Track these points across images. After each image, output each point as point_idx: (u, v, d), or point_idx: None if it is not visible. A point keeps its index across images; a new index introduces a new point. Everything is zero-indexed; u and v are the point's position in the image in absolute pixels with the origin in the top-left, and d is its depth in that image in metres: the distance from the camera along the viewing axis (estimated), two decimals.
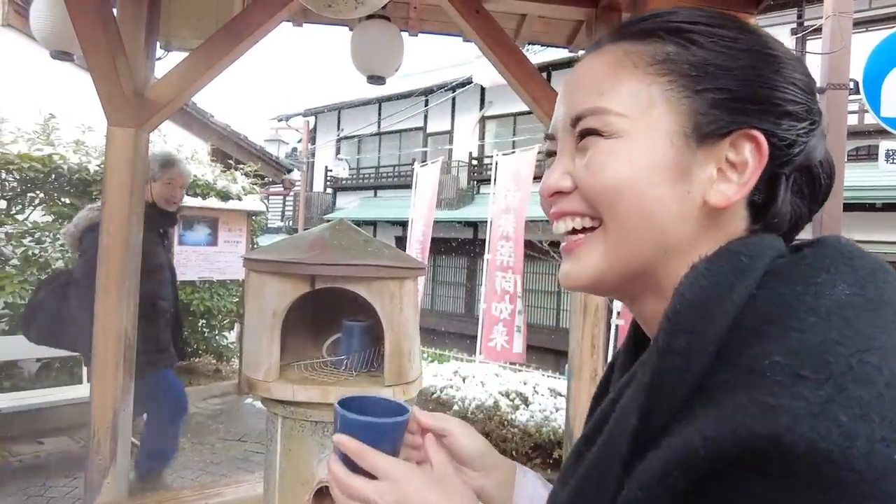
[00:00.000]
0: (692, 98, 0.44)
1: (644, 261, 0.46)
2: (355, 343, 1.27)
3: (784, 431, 0.30)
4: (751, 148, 0.44)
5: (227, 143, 7.09)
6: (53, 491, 3.30)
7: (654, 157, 0.44)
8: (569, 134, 0.49)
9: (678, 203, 0.44)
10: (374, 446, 0.58)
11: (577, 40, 3.44)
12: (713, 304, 0.38)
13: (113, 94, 2.50)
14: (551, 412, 3.93)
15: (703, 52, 0.45)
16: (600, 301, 2.67)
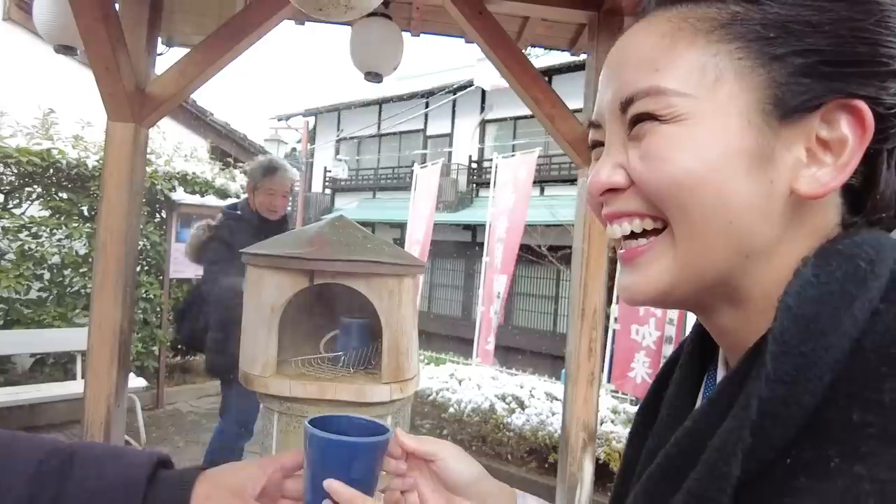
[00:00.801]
0: (770, 66, 0.37)
1: (721, 268, 0.38)
2: (353, 340, 1.26)
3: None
4: (849, 121, 0.36)
5: (226, 142, 7.09)
6: None
7: (728, 143, 0.36)
8: (618, 120, 0.41)
9: (761, 196, 0.37)
10: (350, 468, 0.54)
11: (579, 43, 3.44)
12: (829, 322, 0.32)
13: (114, 90, 2.49)
14: (547, 416, 3.92)
15: (779, 7, 0.37)
16: (598, 305, 2.66)
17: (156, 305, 5.02)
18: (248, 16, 2.65)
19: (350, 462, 0.54)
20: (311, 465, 0.56)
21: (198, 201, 5.14)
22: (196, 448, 4.22)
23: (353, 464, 0.54)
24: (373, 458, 0.56)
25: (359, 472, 0.54)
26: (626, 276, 0.42)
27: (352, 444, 0.55)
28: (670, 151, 0.37)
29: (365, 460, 0.56)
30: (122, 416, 2.71)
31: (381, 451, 0.57)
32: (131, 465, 0.57)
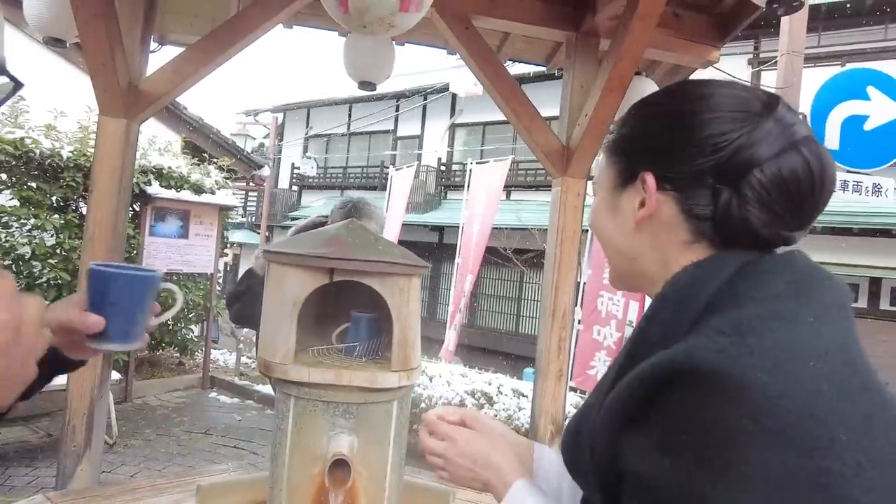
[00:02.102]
0: (620, 161, 0.67)
1: (625, 268, 0.69)
2: (362, 333, 1.39)
3: (698, 360, 0.48)
4: (643, 182, 0.63)
5: (199, 136, 7.04)
6: (14, 480, 3.26)
7: (602, 203, 0.70)
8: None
9: (615, 228, 0.68)
10: (123, 298, 0.67)
11: (555, 59, 3.63)
12: (690, 293, 0.56)
13: (108, 85, 2.53)
14: (514, 412, 4.09)
15: (625, 130, 0.68)
16: (568, 305, 2.84)
17: None
18: (244, 19, 2.73)
19: (126, 293, 0.67)
20: (96, 296, 0.69)
21: (173, 196, 5.13)
22: (168, 442, 4.24)
23: (127, 295, 0.67)
24: (140, 291, 0.69)
25: (130, 303, 0.67)
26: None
27: (123, 276, 0.69)
28: (592, 212, 0.73)
29: (133, 292, 0.68)
30: (104, 408, 2.75)
31: (150, 287, 0.70)
32: None
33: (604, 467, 0.55)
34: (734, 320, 0.50)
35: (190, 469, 3.39)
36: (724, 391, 0.46)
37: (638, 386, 0.52)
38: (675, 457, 0.47)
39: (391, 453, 1.31)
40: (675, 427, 0.48)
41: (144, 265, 5.09)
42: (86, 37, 2.40)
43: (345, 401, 1.24)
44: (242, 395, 5.76)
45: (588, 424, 0.58)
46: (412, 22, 1.67)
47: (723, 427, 0.45)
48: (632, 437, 0.53)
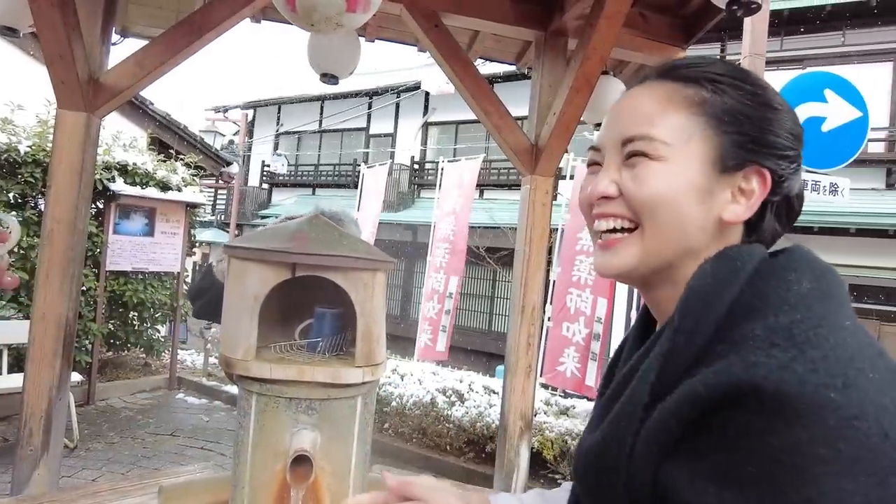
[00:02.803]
0: (721, 137, 0.56)
1: (669, 259, 0.57)
2: (326, 328, 1.38)
3: (760, 379, 0.43)
4: (758, 180, 0.57)
5: (166, 133, 6.89)
6: None
7: (689, 180, 0.56)
8: (617, 150, 0.60)
9: (702, 217, 0.56)
10: None
11: (524, 58, 3.66)
12: (715, 296, 0.51)
13: (66, 77, 2.46)
14: (485, 409, 4.12)
15: (731, 101, 0.57)
16: (537, 302, 2.87)
17: (90, 298, 4.86)
18: (208, 12, 2.68)
19: None
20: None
21: (138, 193, 5.01)
22: (132, 444, 4.14)
23: None
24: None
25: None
26: (602, 256, 0.61)
27: None
28: (652, 178, 0.56)
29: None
30: (63, 410, 2.67)
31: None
32: None
33: (640, 498, 0.50)
34: (783, 329, 0.46)
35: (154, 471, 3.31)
36: (794, 415, 0.41)
37: (687, 409, 0.47)
38: (738, 489, 0.43)
39: (355, 449, 1.30)
40: (736, 456, 0.44)
41: (109, 263, 4.97)
42: (42, 26, 2.32)
43: (307, 397, 1.23)
44: (210, 395, 5.66)
45: (618, 456, 0.52)
46: (360, 21, 1.67)
47: (794, 455, 0.41)
48: (679, 465, 0.47)
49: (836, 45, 8.29)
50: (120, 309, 5.36)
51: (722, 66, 0.59)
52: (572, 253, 4.75)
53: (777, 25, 7.97)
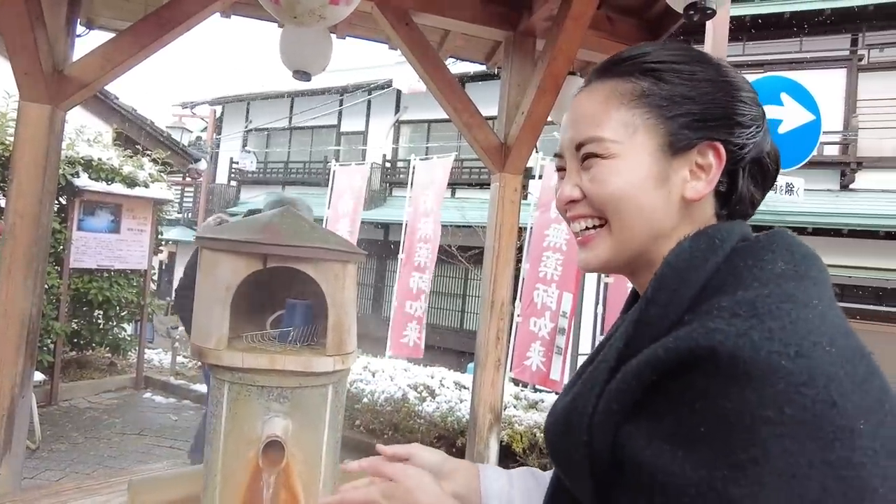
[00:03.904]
0: (665, 122, 0.58)
1: (640, 246, 0.60)
2: (297, 319, 1.40)
3: (717, 344, 0.45)
4: (713, 153, 0.58)
5: (132, 128, 6.75)
6: None
7: (642, 171, 0.58)
8: (573, 155, 0.63)
9: (662, 202, 0.59)
10: None
11: (494, 58, 3.71)
12: (689, 272, 0.54)
13: (29, 69, 2.42)
14: (456, 403, 4.17)
15: (669, 87, 0.59)
16: (506, 297, 2.93)
17: (53, 296, 4.74)
18: (177, 5, 2.66)
19: None
20: None
21: (104, 188, 4.91)
22: (97, 444, 4.07)
23: None
24: None
25: None
26: (582, 253, 0.64)
27: None
28: (607, 177, 0.59)
29: None
30: (26, 410, 2.62)
31: None
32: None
33: (600, 458, 0.52)
34: (747, 302, 0.48)
35: (121, 470, 3.28)
36: (746, 378, 0.44)
37: (648, 372, 0.49)
38: (690, 448, 0.45)
39: (326, 436, 1.33)
40: (690, 416, 0.45)
41: (73, 261, 4.86)
42: (3, 16, 2.28)
43: (279, 385, 1.26)
44: (178, 394, 5.58)
45: (582, 414, 0.54)
46: (343, 15, 1.70)
47: (743, 416, 0.43)
48: (637, 426, 0.50)
49: (794, 51, 8.60)
50: (84, 307, 5.24)
51: (660, 52, 0.61)
52: (540, 249, 4.84)
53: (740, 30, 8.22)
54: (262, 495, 1.26)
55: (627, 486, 0.49)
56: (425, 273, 5.44)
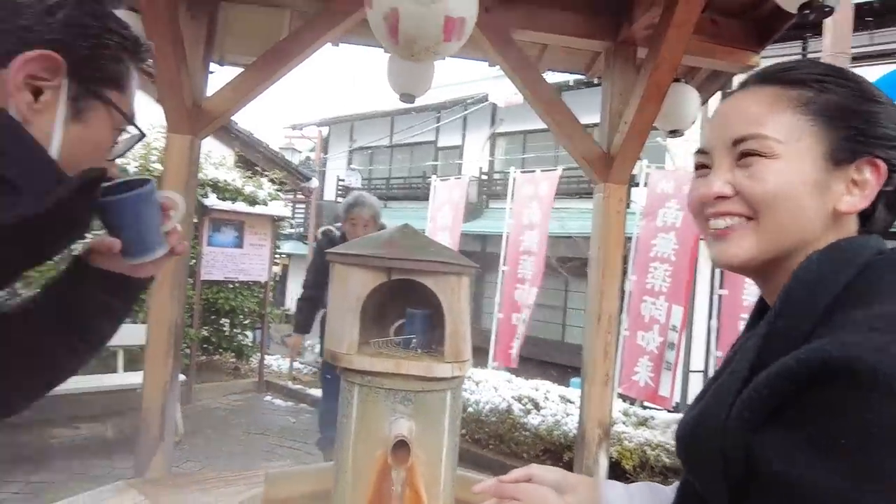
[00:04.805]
0: (830, 133, 0.59)
1: (785, 249, 0.60)
2: (417, 327, 1.50)
3: (855, 358, 0.45)
4: (871, 170, 0.59)
5: (250, 151, 7.36)
6: (94, 470, 3.51)
7: (804, 175, 0.59)
8: (727, 152, 0.63)
9: (816, 210, 0.59)
10: (118, 218, 0.69)
11: (594, 68, 3.69)
12: (819, 285, 0.54)
13: (175, 104, 2.74)
14: (562, 417, 4.13)
15: (836, 98, 0.60)
16: (613, 310, 2.88)
17: (187, 305, 5.28)
18: (295, 39, 2.91)
19: (116, 214, 0.69)
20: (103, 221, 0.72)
21: (228, 207, 5.41)
22: (228, 441, 4.46)
23: (118, 214, 0.69)
24: (131, 210, 0.70)
25: (125, 220, 0.70)
26: (718, 246, 0.64)
27: (108, 202, 0.68)
28: (770, 175, 0.60)
29: (124, 212, 0.69)
30: (174, 404, 2.95)
31: (138, 204, 0.70)
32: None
33: (734, 465, 0.53)
34: (885, 316, 0.48)
35: (250, 466, 3.57)
36: (890, 392, 0.43)
37: (781, 383, 0.49)
38: (829, 459, 0.45)
39: (446, 439, 1.41)
40: (829, 427, 0.46)
41: (203, 273, 5.38)
42: (157, 60, 2.61)
43: (403, 388, 1.35)
44: (295, 398, 5.97)
45: (715, 421, 0.55)
46: (454, 49, 1.80)
47: (886, 430, 0.43)
48: (771, 435, 0.50)
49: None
50: (213, 316, 5.78)
51: (821, 66, 0.63)
52: (646, 260, 4.69)
53: (866, 18, 7.52)
54: (389, 492, 1.35)
55: (762, 494, 0.50)
56: (529, 285, 5.45)
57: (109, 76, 0.62)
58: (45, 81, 0.56)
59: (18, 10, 0.55)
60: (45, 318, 0.72)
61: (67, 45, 0.57)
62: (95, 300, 0.73)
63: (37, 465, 3.56)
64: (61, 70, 0.57)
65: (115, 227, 0.70)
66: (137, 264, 0.73)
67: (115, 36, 0.62)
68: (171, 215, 0.75)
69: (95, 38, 0.60)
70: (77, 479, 3.36)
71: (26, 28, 0.55)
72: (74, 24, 0.58)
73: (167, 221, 0.74)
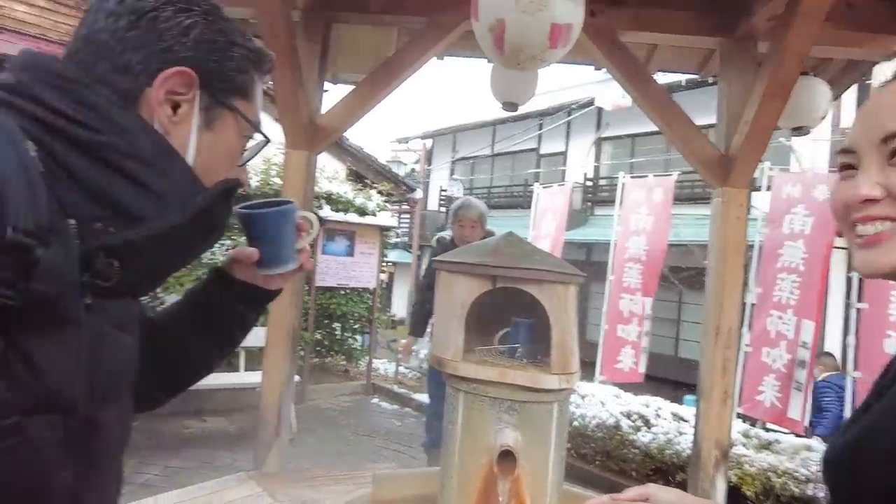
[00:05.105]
0: None
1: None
2: (522, 336, 1.48)
3: None
4: None
5: (361, 165, 7.71)
6: (218, 461, 3.82)
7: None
8: (877, 150, 0.56)
9: None
10: (260, 231, 0.75)
11: (708, 66, 3.48)
12: None
13: (293, 123, 2.94)
14: (675, 436, 3.90)
15: None
16: (733, 323, 2.69)
17: (303, 310, 5.62)
18: (403, 56, 3.01)
19: (259, 227, 0.75)
20: (245, 232, 0.78)
21: (341, 218, 5.71)
22: (337, 441, 4.67)
23: (262, 227, 0.76)
24: (274, 224, 0.76)
25: (266, 233, 0.75)
26: (868, 253, 0.57)
27: (253, 215, 0.76)
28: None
29: (267, 226, 0.76)
30: (289, 403, 3.14)
31: (280, 219, 0.77)
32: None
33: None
34: None
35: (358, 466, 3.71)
36: None
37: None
38: None
39: (552, 453, 1.38)
40: None
41: (318, 280, 5.71)
42: (277, 82, 2.81)
43: (509, 398, 1.34)
44: (401, 402, 6.15)
45: (878, 446, 0.51)
46: (560, 56, 1.77)
47: None
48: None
49: None
50: (325, 320, 6.12)
51: None
52: (772, 270, 4.31)
53: None
54: (494, 501, 1.34)
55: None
56: (640, 295, 5.22)
57: (236, 86, 0.67)
58: (182, 95, 0.62)
59: (161, 34, 0.61)
60: (186, 324, 0.80)
61: (199, 61, 0.63)
62: (231, 308, 0.80)
63: (172, 452, 3.95)
64: (195, 84, 0.63)
65: (256, 238, 0.77)
66: (269, 275, 0.79)
67: (240, 49, 0.67)
68: (304, 235, 0.82)
69: (222, 52, 0.65)
70: (205, 467, 3.67)
71: (167, 49, 0.61)
72: (204, 40, 0.63)
73: (300, 240, 0.80)
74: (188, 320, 0.80)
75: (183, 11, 0.62)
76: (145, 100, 0.60)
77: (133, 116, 0.59)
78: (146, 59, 0.60)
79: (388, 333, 9.67)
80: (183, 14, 0.62)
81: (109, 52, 0.59)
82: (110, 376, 0.57)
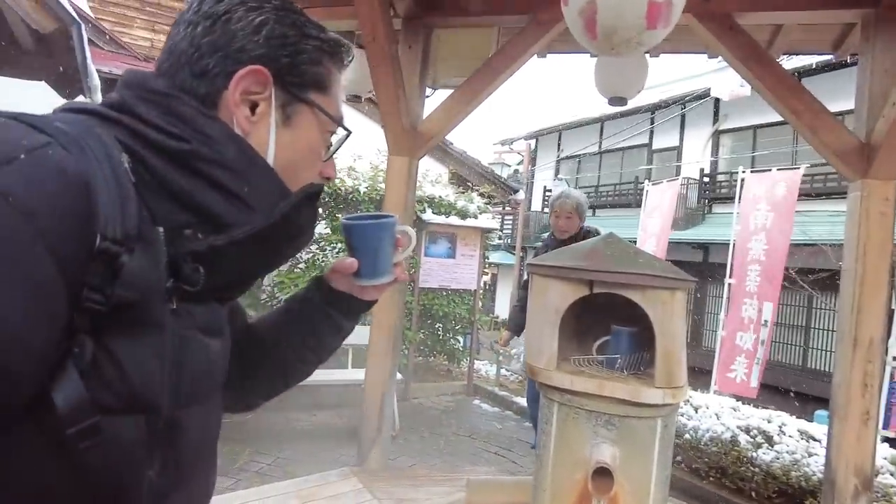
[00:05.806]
0: None
1: None
2: (623, 346, 1.39)
3: None
4: None
5: (463, 168, 7.77)
6: (323, 455, 4.00)
7: None
8: None
9: None
10: (361, 243, 0.77)
11: (845, 44, 3.11)
12: None
13: (394, 129, 3.00)
14: (802, 457, 3.52)
15: None
16: (875, 334, 2.37)
17: (408, 310, 5.76)
18: (501, 57, 2.97)
19: (360, 238, 0.77)
20: (347, 243, 0.80)
21: (443, 221, 5.78)
22: (438, 440, 4.73)
23: (362, 239, 0.77)
24: (373, 236, 0.77)
25: (366, 245, 0.77)
26: None
27: (355, 226, 0.77)
28: None
29: (367, 238, 0.77)
30: (392, 400, 3.21)
31: (380, 232, 0.78)
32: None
33: None
34: None
35: (457, 468, 3.72)
36: None
37: None
38: None
39: (655, 473, 1.28)
40: None
41: (421, 281, 5.83)
42: (378, 89, 2.88)
43: (606, 411, 1.26)
44: (502, 405, 6.11)
45: None
46: (660, 38, 1.64)
47: None
48: None
49: None
50: (429, 320, 6.22)
51: None
52: None
53: None
54: None
55: None
56: (763, 300, 4.79)
57: (311, 80, 0.66)
58: (258, 94, 0.63)
59: (234, 34, 0.62)
60: (284, 329, 0.82)
61: (271, 57, 0.63)
62: (328, 317, 0.82)
63: (284, 443, 4.19)
64: (269, 81, 0.63)
65: (356, 248, 0.79)
66: (365, 286, 0.80)
67: (313, 41, 0.66)
68: (401, 249, 0.82)
69: (294, 46, 0.64)
70: (313, 460, 3.86)
71: (240, 49, 0.62)
72: (275, 35, 0.63)
73: (397, 253, 0.82)
74: (286, 326, 0.82)
75: (254, 10, 0.63)
76: (224, 103, 0.61)
77: (217, 124, 0.60)
78: (221, 61, 0.61)
79: (491, 335, 9.66)
80: (254, 12, 0.62)
81: (188, 60, 0.61)
82: (195, 379, 0.59)
